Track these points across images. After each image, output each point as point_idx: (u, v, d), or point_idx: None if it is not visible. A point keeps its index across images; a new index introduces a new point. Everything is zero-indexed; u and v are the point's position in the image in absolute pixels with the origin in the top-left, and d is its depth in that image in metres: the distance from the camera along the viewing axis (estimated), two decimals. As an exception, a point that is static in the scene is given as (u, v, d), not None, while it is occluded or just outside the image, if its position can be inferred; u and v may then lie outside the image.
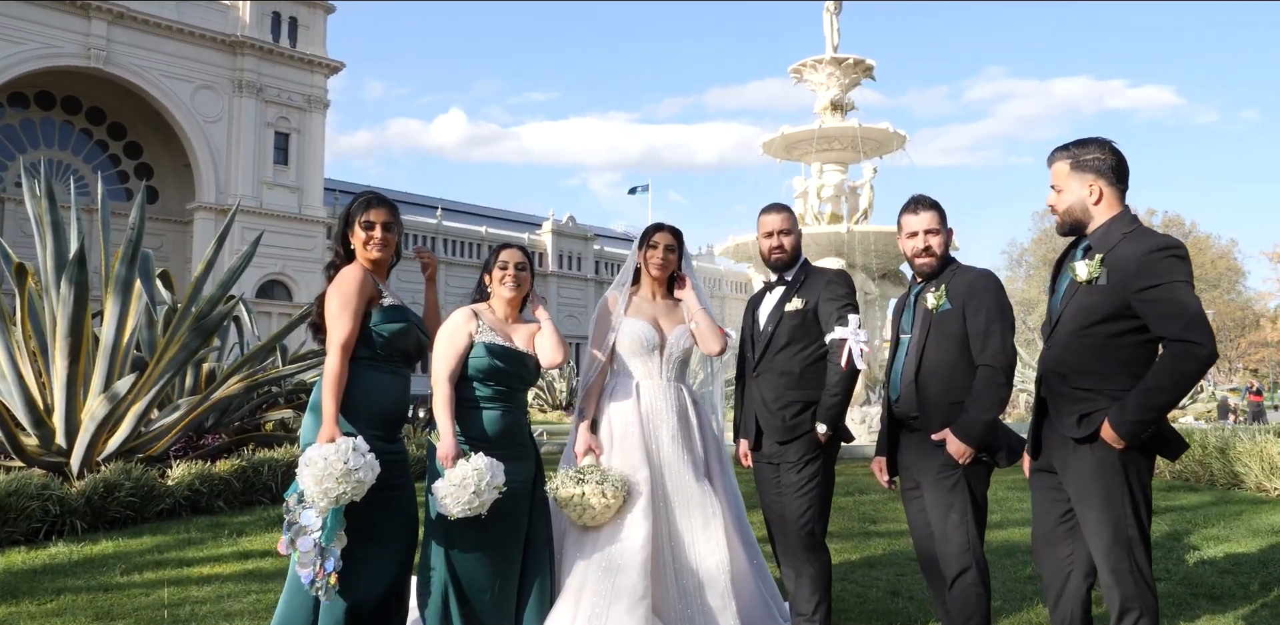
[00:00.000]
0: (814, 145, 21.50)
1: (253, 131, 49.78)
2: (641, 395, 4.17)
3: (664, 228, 4.36)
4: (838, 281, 4.22)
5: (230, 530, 7.22)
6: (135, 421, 8.65)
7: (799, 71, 22.62)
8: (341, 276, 3.78)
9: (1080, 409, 3.27)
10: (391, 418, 3.80)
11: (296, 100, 51.85)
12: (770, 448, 4.18)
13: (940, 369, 3.76)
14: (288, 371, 10.65)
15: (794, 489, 4.08)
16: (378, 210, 3.87)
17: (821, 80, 22.59)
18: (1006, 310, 3.77)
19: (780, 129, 21.42)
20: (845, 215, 21.49)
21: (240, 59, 49.68)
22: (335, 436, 3.47)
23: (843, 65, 22.49)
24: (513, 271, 4.05)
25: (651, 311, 4.32)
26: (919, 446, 3.81)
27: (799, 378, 4.14)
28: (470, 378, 3.88)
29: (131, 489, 7.60)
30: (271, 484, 8.82)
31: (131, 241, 8.86)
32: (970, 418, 3.64)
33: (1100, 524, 3.20)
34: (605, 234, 77.35)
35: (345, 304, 3.69)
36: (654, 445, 4.10)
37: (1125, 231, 3.29)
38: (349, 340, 3.67)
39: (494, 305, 4.06)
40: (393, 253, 3.97)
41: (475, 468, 3.57)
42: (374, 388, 3.72)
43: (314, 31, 53.20)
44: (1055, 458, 3.40)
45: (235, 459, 8.94)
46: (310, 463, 3.34)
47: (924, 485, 3.79)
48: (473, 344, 3.89)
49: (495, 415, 3.87)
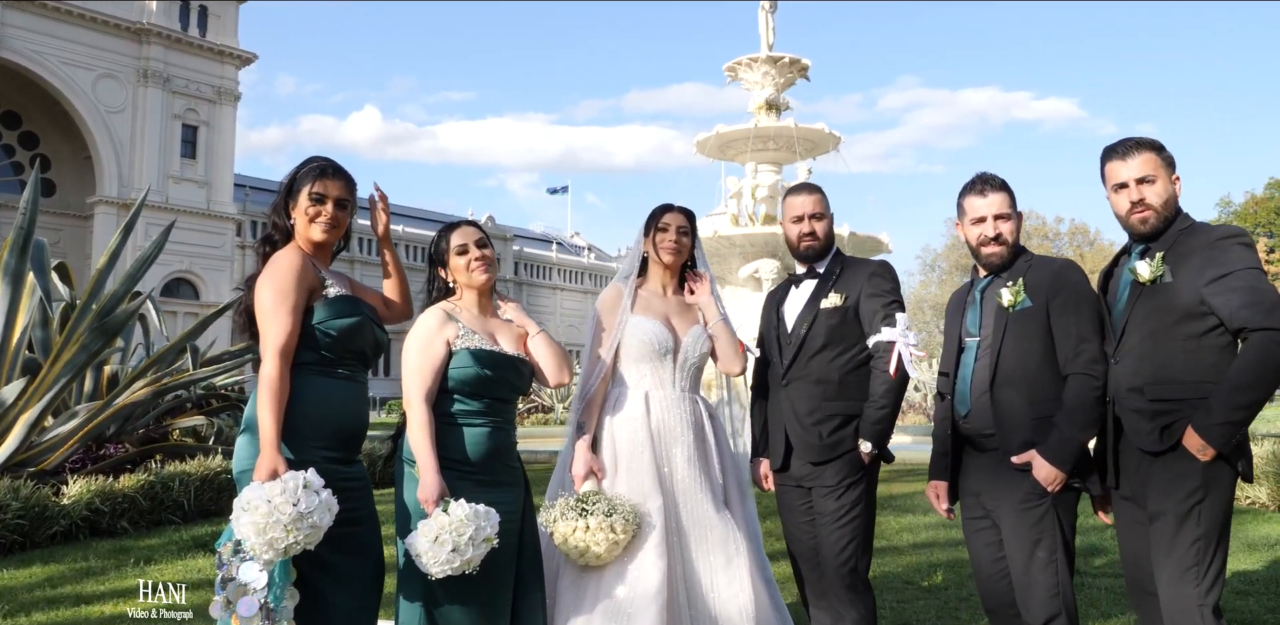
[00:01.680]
0: (749, 144, 21.17)
1: (159, 123, 47.63)
2: (652, 408, 3.49)
3: (674, 208, 3.70)
4: (882, 274, 3.61)
5: (136, 557, 6.30)
6: (26, 431, 7.65)
7: (733, 70, 22.31)
8: (274, 265, 3.06)
9: (1160, 422, 2.93)
10: (350, 434, 3.09)
11: (206, 92, 49.86)
12: (802, 469, 3.54)
13: (1021, 377, 3.17)
14: (199, 375, 9.79)
15: (833, 518, 3.45)
16: (333, 182, 3.14)
17: (756, 79, 22.31)
18: (1099, 308, 3.20)
19: (715, 127, 21.05)
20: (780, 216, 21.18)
21: (146, 47, 47.52)
22: (280, 468, 2.76)
23: (778, 64, 22.22)
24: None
25: (663, 308, 3.65)
26: (994, 470, 3.21)
27: (838, 386, 3.51)
28: (450, 391, 3.16)
29: (19, 509, 6.65)
30: (183, 500, 7.89)
31: (22, 228, 7.87)
32: (1064, 436, 3.05)
33: (1171, 547, 2.88)
34: (524, 234, 77.11)
35: (281, 298, 2.98)
36: (666, 468, 3.43)
37: (1181, 228, 3.07)
38: (288, 342, 2.96)
39: (464, 299, 3.33)
40: (341, 234, 3.24)
41: (455, 520, 2.85)
42: (325, 398, 3.02)
43: (225, 21, 51.27)
44: (1135, 483, 3.04)
45: (141, 473, 7.98)
46: (250, 507, 2.62)
47: (1000, 516, 3.19)
48: (452, 352, 3.18)
49: (482, 433, 3.16)
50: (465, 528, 2.82)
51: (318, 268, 3.13)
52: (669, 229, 3.64)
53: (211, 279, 48.41)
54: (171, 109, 48.36)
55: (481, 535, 2.85)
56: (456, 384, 3.15)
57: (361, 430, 3.14)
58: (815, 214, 3.69)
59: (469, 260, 3.28)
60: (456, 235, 3.32)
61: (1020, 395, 3.17)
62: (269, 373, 2.90)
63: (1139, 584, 3.10)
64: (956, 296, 3.54)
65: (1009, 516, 3.15)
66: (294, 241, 3.15)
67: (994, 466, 3.22)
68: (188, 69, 49.06)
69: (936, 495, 3.48)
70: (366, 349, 3.15)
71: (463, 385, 3.15)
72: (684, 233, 3.67)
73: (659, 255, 3.66)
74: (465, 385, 3.15)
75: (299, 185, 3.15)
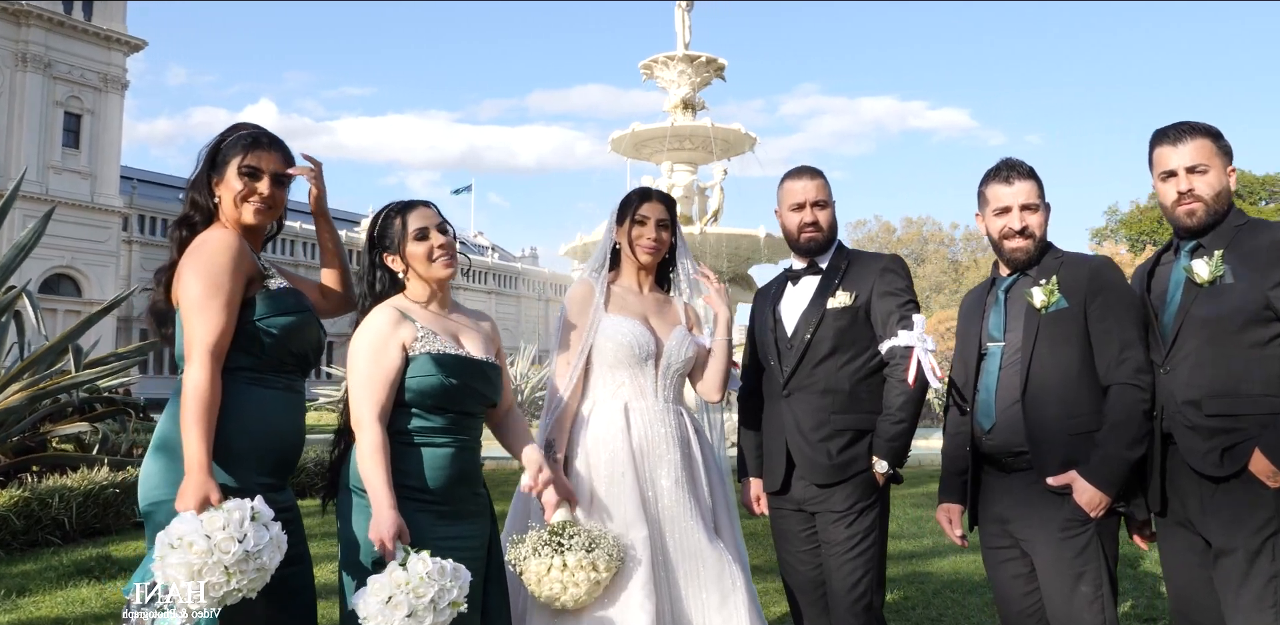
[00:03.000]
0: (666, 143, 20.92)
1: (38, 110, 44.92)
2: (633, 422, 3.03)
3: (653, 195, 3.24)
4: (895, 270, 3.21)
5: (9, 587, 5.52)
6: (-122, 442, 6.77)
7: (649, 67, 22.09)
8: (205, 248, 2.53)
9: (1220, 442, 2.61)
10: (288, 457, 2.62)
11: (91, 79, 47.30)
12: (805, 491, 3.12)
13: (1056, 388, 2.81)
14: (82, 378, 8.92)
15: (844, 548, 3.03)
16: (268, 153, 2.64)
17: (673, 78, 22.12)
18: (1143, 311, 2.85)
19: (631, 125, 20.74)
20: (695, 217, 21.00)
21: (25, 30, 44.82)
22: (213, 496, 2.25)
23: (695, 63, 22.03)
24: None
25: (639, 307, 3.19)
26: (1024, 493, 2.84)
27: (848, 397, 3.10)
28: (407, 404, 2.65)
29: None
30: (63, 519, 7.07)
31: (-122, 213, 6.98)
32: (1108, 454, 2.70)
33: (1243, 585, 2.57)
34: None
35: (213, 288, 2.47)
36: (651, 492, 2.98)
37: (1238, 224, 2.79)
38: (220, 341, 2.46)
39: (417, 293, 2.81)
40: (276, 216, 2.72)
41: (414, 579, 2.31)
42: (262, 412, 2.54)
43: (112, 6, 48.75)
44: (1193, 509, 2.70)
45: (15, 488, 7.14)
46: (183, 543, 2.12)
47: (1034, 546, 2.81)
48: (409, 359, 2.65)
49: (445, 455, 2.66)
50: (426, 588, 2.31)
51: (256, 253, 2.60)
52: (647, 222, 3.18)
53: (95, 275, 45.88)
54: (53, 95, 45.69)
55: (446, 598, 2.34)
56: (416, 396, 2.64)
57: (299, 451, 2.64)
58: (818, 201, 3.26)
59: (430, 248, 2.76)
60: (415, 217, 2.78)
61: (1055, 408, 2.80)
62: (197, 379, 2.38)
63: (1189, 618, 2.77)
64: (973, 296, 3.16)
65: (1046, 547, 2.77)
66: (218, 224, 2.61)
67: (1024, 489, 2.84)
68: (71, 54, 46.44)
69: (949, 520, 3.10)
70: (309, 352, 2.65)
71: (423, 397, 2.64)
72: (664, 226, 3.21)
73: (635, 253, 3.20)
74: (426, 397, 2.64)
75: (225, 156, 2.63)
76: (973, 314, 3.08)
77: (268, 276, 2.62)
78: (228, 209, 2.61)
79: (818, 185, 3.28)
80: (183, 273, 2.51)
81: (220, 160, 2.62)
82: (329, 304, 2.91)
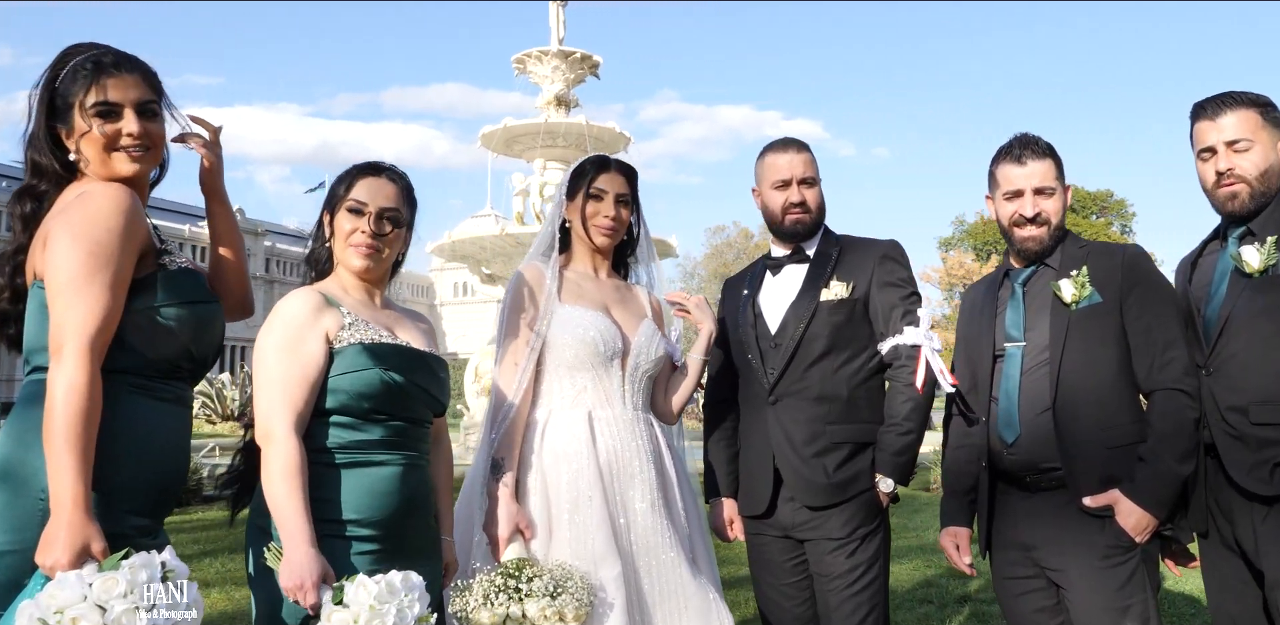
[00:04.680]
0: (539, 140, 20.44)
1: None
2: (599, 434, 2.52)
3: (612, 165, 2.74)
4: (895, 258, 2.80)
5: None
6: None
7: (522, 62, 21.59)
8: (90, 201, 1.93)
9: (1271, 455, 2.29)
10: (168, 490, 2.03)
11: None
12: (794, 515, 2.68)
13: (1093, 393, 2.45)
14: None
15: (845, 582, 2.60)
16: (122, 78, 2.03)
17: (546, 73, 21.66)
18: (1183, 306, 2.52)
19: (503, 121, 20.20)
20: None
21: None
22: (95, 546, 1.68)
23: (569, 59, 21.63)
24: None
25: (598, 295, 2.69)
26: (1054, 516, 2.47)
27: (846, 405, 2.68)
28: (334, 411, 2.08)
29: None
30: None
31: None
32: (1158, 470, 2.36)
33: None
34: (277, 230, 73.72)
35: (100, 259, 1.88)
36: (623, 519, 2.47)
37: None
38: (105, 332, 1.86)
39: (345, 281, 2.25)
40: (158, 160, 2.12)
41: (360, 613, 1.79)
42: (146, 431, 1.94)
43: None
44: (1243, 532, 2.38)
45: None
46: (62, 618, 1.54)
47: (1069, 577, 2.44)
48: (334, 352, 2.09)
49: (389, 476, 2.11)
50: (382, 617, 1.77)
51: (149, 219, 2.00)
52: (604, 197, 2.67)
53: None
54: None
55: (411, 616, 1.83)
56: (347, 400, 2.08)
57: (184, 483, 2.04)
58: (806, 178, 2.83)
59: (355, 229, 2.20)
60: (364, 187, 2.23)
61: (1091, 417, 2.44)
62: (73, 381, 1.77)
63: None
64: (979, 291, 2.79)
65: (1083, 578, 2.40)
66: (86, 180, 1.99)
67: (1054, 511, 2.47)
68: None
69: (956, 545, 2.70)
70: (210, 355, 2.06)
71: (357, 400, 2.08)
72: (624, 202, 2.71)
73: (589, 235, 2.69)
74: (362, 400, 2.08)
75: (67, 95, 2.00)
76: (981, 310, 2.70)
77: (165, 251, 2.03)
78: (95, 164, 1.99)
79: (804, 160, 2.84)
80: (54, 238, 1.88)
81: (61, 104, 1.99)
82: (224, 303, 2.31)
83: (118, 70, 2.01)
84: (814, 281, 2.76)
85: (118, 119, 2.00)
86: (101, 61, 2.01)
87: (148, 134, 2.02)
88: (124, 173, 2.01)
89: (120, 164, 2.00)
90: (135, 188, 2.03)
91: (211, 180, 2.31)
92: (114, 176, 2.00)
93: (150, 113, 2.04)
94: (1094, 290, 2.48)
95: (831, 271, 2.75)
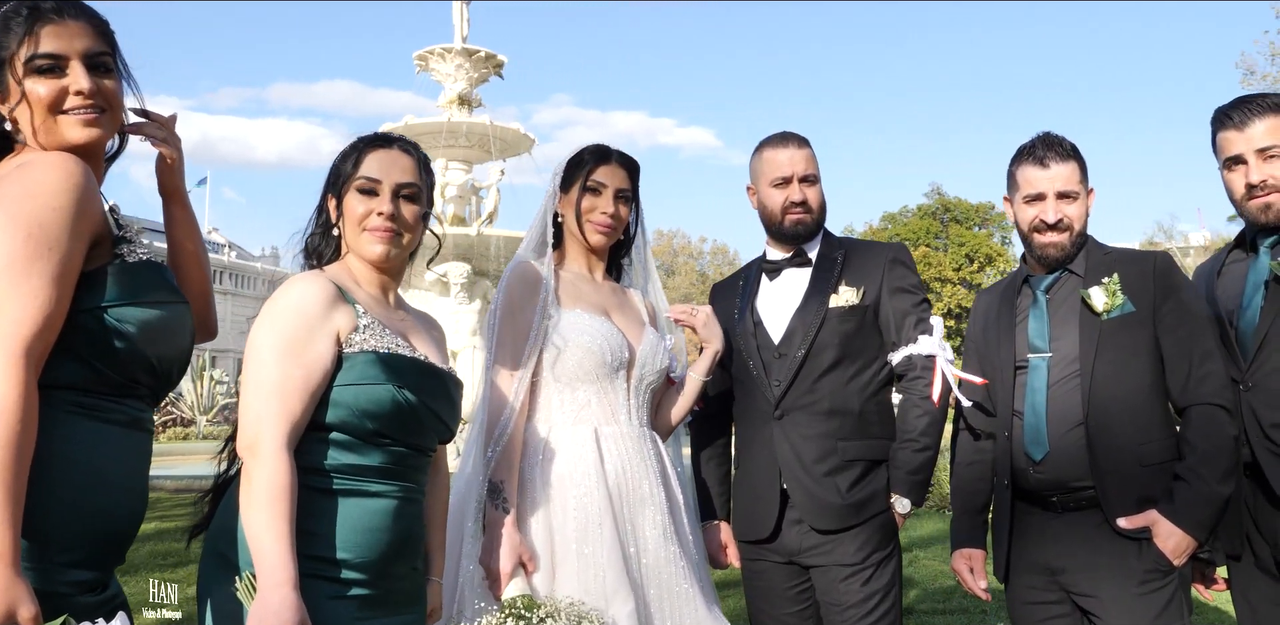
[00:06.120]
0: (441, 139, 19.96)
1: None
2: (606, 454, 2.29)
3: (613, 156, 2.50)
4: (904, 262, 2.64)
5: None
6: None
7: (424, 59, 21.09)
8: (31, 172, 1.60)
9: None
10: (120, 536, 1.68)
11: None
12: (801, 540, 2.49)
13: (1128, 409, 2.33)
14: None
15: (861, 612, 2.42)
16: (66, 25, 1.70)
17: (450, 71, 21.22)
18: (1215, 317, 2.42)
19: (404, 118, 19.63)
20: (468, 218, 20.19)
21: None
22: (25, 608, 1.39)
23: (473, 57, 21.22)
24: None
25: (598, 299, 2.46)
26: (1086, 537, 2.34)
27: (858, 419, 2.50)
28: (332, 428, 1.79)
29: None
30: None
31: None
32: (1199, 490, 2.24)
33: None
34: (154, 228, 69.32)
35: (40, 245, 1.55)
36: (634, 547, 2.24)
37: None
38: (44, 335, 1.53)
39: (357, 271, 1.96)
40: (117, 123, 1.81)
41: None
42: (90, 462, 1.61)
43: None
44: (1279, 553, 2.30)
45: None
46: None
47: (1101, 604, 2.30)
48: (342, 357, 1.79)
49: (383, 509, 1.83)
50: None
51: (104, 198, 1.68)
52: (603, 191, 2.44)
53: None
54: None
55: None
56: (348, 415, 1.79)
57: (138, 526, 1.71)
58: (808, 176, 2.64)
59: (370, 211, 1.91)
60: (375, 160, 1.95)
61: (1126, 434, 2.32)
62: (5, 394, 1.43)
63: None
64: (993, 297, 2.64)
65: (1118, 603, 2.27)
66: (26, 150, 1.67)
67: (1087, 533, 2.34)
68: None
69: (970, 569, 2.54)
70: (174, 368, 1.73)
71: (360, 418, 1.80)
72: (624, 198, 2.48)
73: (583, 232, 2.45)
74: (365, 418, 1.80)
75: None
76: (998, 318, 2.55)
77: (124, 238, 1.71)
78: (40, 133, 1.67)
79: (805, 156, 2.65)
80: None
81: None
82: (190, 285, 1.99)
83: (59, 16, 1.68)
84: (820, 287, 2.58)
85: (61, 74, 1.67)
86: (39, 7, 1.67)
87: (100, 92, 1.70)
88: (75, 140, 1.68)
89: (69, 130, 1.68)
90: (89, 160, 1.70)
91: (172, 179, 2.00)
92: (63, 146, 1.68)
93: (103, 67, 1.72)
94: (1126, 299, 2.36)
95: (839, 276, 2.57)
